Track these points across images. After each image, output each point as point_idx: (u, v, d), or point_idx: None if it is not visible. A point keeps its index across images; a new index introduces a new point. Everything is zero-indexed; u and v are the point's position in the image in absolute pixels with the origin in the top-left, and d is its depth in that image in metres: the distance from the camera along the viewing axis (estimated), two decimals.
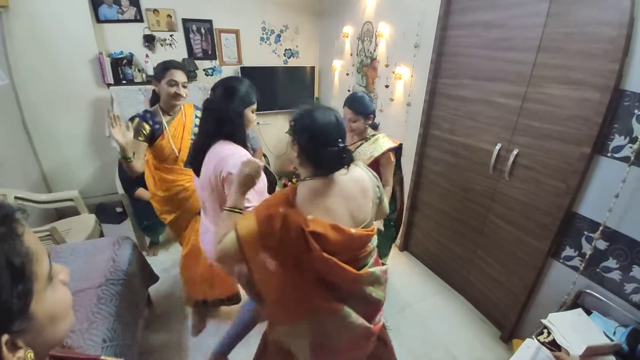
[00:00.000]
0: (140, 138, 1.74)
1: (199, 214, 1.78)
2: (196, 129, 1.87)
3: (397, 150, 1.88)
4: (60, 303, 0.47)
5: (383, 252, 2.10)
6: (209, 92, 1.37)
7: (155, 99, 1.88)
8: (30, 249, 0.42)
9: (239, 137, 1.35)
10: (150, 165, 1.95)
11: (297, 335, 1.07)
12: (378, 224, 1.69)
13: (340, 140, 1.01)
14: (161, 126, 1.81)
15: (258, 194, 1.29)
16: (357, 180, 1.08)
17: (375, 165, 1.81)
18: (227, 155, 1.26)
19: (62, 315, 0.47)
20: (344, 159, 1.02)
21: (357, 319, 1.04)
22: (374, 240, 1.13)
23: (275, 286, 1.02)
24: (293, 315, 1.05)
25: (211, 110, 1.33)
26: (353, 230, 1.00)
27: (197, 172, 1.39)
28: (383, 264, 1.25)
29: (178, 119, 1.88)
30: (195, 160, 1.37)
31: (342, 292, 1.02)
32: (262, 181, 1.32)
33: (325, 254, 0.93)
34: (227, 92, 1.32)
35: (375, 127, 1.92)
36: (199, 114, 1.94)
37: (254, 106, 1.40)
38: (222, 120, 1.30)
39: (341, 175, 1.04)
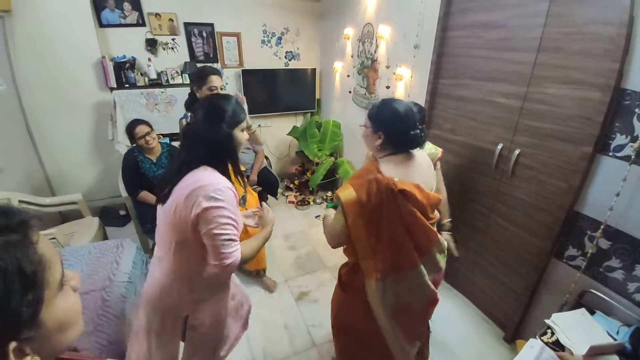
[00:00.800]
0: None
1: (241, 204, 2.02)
2: None
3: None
4: (70, 310, 0.46)
5: None
6: (186, 117, 1.21)
7: (191, 102, 2.03)
8: (43, 256, 0.41)
9: (231, 162, 1.19)
10: None
11: (386, 292, 1.23)
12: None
13: (417, 123, 1.23)
14: None
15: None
16: (425, 155, 1.34)
17: None
18: (206, 186, 1.04)
19: (72, 322, 0.46)
20: (422, 139, 1.24)
21: (429, 282, 1.25)
22: (437, 212, 1.34)
23: (372, 244, 1.19)
24: (385, 270, 1.21)
25: (195, 137, 1.14)
26: (429, 191, 1.24)
27: (164, 200, 1.13)
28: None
29: (247, 120, 1.94)
30: (165, 189, 1.13)
31: (420, 250, 1.22)
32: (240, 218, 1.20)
33: (413, 208, 1.16)
34: (211, 114, 1.14)
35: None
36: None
37: (244, 124, 1.21)
38: (210, 146, 1.12)
39: (415, 151, 1.28)
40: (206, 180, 1.06)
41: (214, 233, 1.04)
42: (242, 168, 2.34)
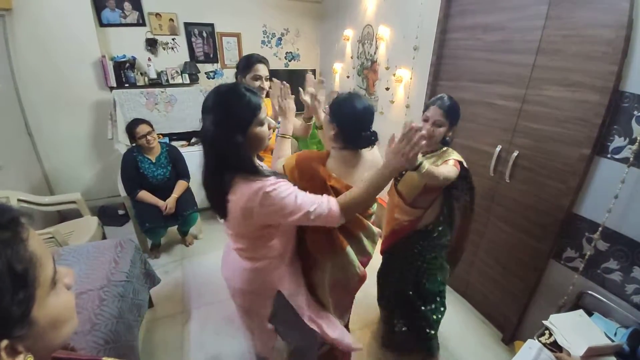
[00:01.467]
0: None
1: None
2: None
3: (462, 167, 1.49)
4: (63, 308, 0.46)
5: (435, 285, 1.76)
6: (200, 118, 1.07)
7: None
8: (34, 254, 0.41)
9: (249, 166, 1.05)
10: None
11: (325, 273, 1.34)
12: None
13: (371, 125, 1.25)
14: None
15: None
16: (374, 154, 1.35)
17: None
18: (252, 197, 1.00)
19: (65, 319, 0.46)
20: (372, 141, 1.26)
21: (358, 263, 1.35)
22: (374, 207, 1.39)
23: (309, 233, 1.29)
24: (324, 256, 1.31)
25: (210, 147, 1.04)
26: None
27: (222, 214, 1.10)
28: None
29: (264, 110, 1.88)
30: (215, 201, 1.10)
31: (349, 234, 1.30)
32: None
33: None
34: (220, 117, 1.00)
35: (447, 143, 1.57)
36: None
37: (261, 116, 1.06)
38: (225, 154, 1.02)
39: (364, 151, 1.30)
40: (247, 191, 1.01)
41: (285, 217, 1.04)
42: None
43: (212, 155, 1.04)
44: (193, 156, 2.53)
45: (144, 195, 2.53)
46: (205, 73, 3.61)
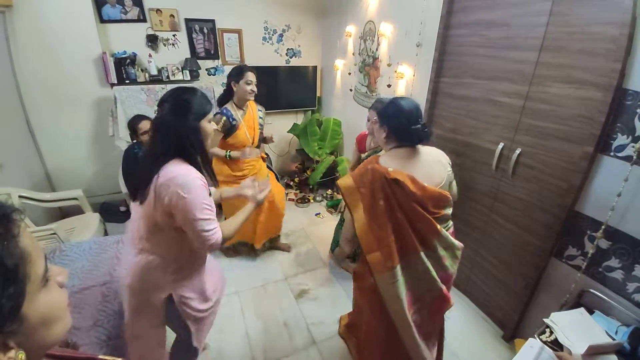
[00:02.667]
0: (219, 128, 2.20)
1: None
2: (261, 120, 2.44)
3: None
4: (54, 305, 0.46)
5: None
6: (156, 108, 1.22)
7: (226, 96, 2.32)
8: (25, 250, 0.41)
9: (198, 153, 1.21)
10: (219, 160, 2.41)
11: (397, 281, 1.28)
12: None
13: (420, 119, 1.31)
14: (238, 120, 2.29)
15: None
16: (433, 153, 1.41)
17: None
18: (174, 178, 1.11)
19: (56, 317, 0.46)
20: (425, 133, 1.32)
21: (434, 272, 1.30)
22: (449, 209, 1.37)
23: (374, 230, 1.28)
24: (391, 255, 1.27)
25: (162, 129, 1.16)
26: (426, 184, 1.27)
27: (142, 195, 1.17)
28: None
29: (249, 112, 2.36)
30: (141, 187, 1.16)
31: (422, 237, 1.29)
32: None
33: (409, 197, 1.23)
34: (177, 106, 1.17)
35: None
36: (260, 107, 2.48)
37: (210, 115, 1.26)
38: (177, 138, 1.15)
39: (421, 147, 1.37)
40: (177, 172, 1.12)
41: (191, 219, 1.12)
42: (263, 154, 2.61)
43: (165, 139, 1.16)
44: None
45: None
46: (206, 69, 3.60)
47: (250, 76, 2.24)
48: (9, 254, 0.39)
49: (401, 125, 1.31)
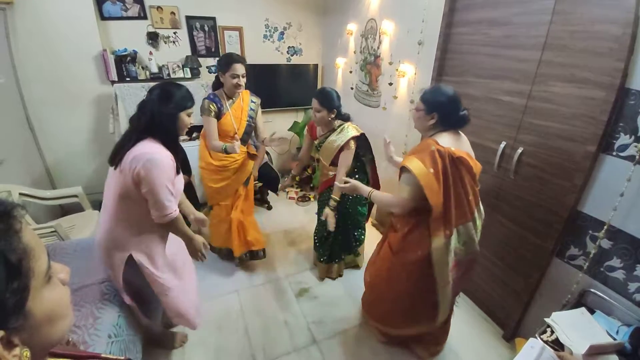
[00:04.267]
0: (211, 115, 2.12)
1: (244, 184, 2.44)
2: (252, 112, 2.33)
3: (359, 138, 2.11)
4: (59, 301, 0.46)
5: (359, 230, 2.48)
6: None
7: (218, 83, 2.22)
8: (28, 245, 0.41)
9: (171, 138, 1.40)
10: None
11: (449, 245, 1.47)
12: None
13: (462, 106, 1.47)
14: (224, 107, 2.19)
15: (175, 196, 1.42)
16: (464, 135, 1.57)
17: (340, 152, 2.11)
18: (146, 153, 1.28)
19: (60, 314, 0.46)
20: (469, 117, 1.49)
21: (476, 239, 1.54)
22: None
23: (444, 204, 1.42)
24: (451, 225, 1.45)
25: (145, 110, 1.35)
26: (476, 162, 1.50)
27: (111, 158, 1.37)
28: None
29: (238, 102, 2.25)
30: (118, 154, 1.33)
31: (471, 208, 1.49)
32: (180, 182, 1.49)
33: (467, 172, 1.44)
34: (163, 94, 1.36)
35: (346, 119, 2.15)
36: (254, 99, 2.36)
37: (190, 110, 1.45)
38: (155, 120, 1.33)
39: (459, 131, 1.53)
40: (149, 149, 1.30)
41: (152, 193, 1.30)
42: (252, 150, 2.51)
43: (145, 119, 1.34)
44: (194, 151, 2.52)
45: None
46: (207, 67, 3.59)
47: (238, 69, 2.08)
48: (12, 249, 0.39)
49: (451, 111, 1.46)
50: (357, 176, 2.19)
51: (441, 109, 1.46)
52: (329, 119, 2.07)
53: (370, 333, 2.09)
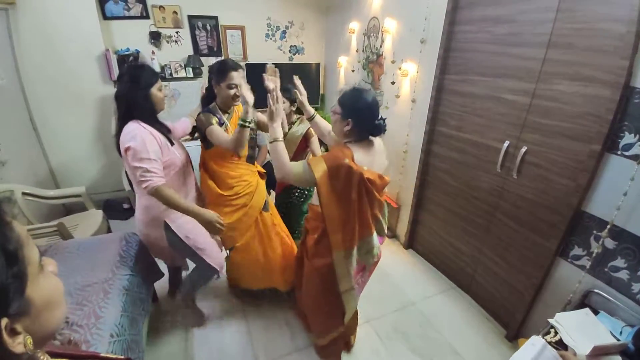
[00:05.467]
0: (214, 122, 1.73)
1: (264, 209, 2.06)
2: (252, 124, 2.04)
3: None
4: (54, 289, 0.49)
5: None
6: (115, 83, 1.52)
7: (209, 97, 1.88)
8: (20, 235, 0.43)
9: (150, 116, 1.56)
10: (210, 167, 1.92)
11: (351, 257, 1.46)
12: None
13: (379, 114, 1.41)
14: (225, 123, 1.83)
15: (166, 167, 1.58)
16: (378, 141, 1.50)
17: (305, 141, 2.21)
18: (127, 133, 1.46)
19: (57, 302, 0.48)
20: (385, 127, 1.41)
21: (379, 247, 1.56)
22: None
23: (340, 215, 1.38)
24: (352, 240, 1.43)
25: (121, 99, 1.50)
26: (386, 178, 1.46)
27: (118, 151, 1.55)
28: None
29: (234, 117, 1.89)
30: (117, 145, 1.54)
31: (375, 218, 1.49)
32: (177, 152, 1.67)
33: (375, 193, 1.40)
34: (131, 78, 1.50)
35: (300, 112, 2.02)
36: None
37: (159, 84, 1.57)
38: (132, 105, 1.49)
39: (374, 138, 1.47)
40: (126, 129, 1.48)
41: (131, 166, 1.47)
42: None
43: (124, 105, 1.50)
44: (196, 150, 2.51)
45: None
46: (209, 66, 3.58)
47: (235, 77, 1.74)
48: (8, 238, 0.41)
49: (367, 119, 1.38)
50: None
51: (357, 116, 1.36)
52: (290, 110, 2.17)
53: (370, 332, 2.09)
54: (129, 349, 1.44)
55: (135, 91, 1.49)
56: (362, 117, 1.36)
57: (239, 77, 1.76)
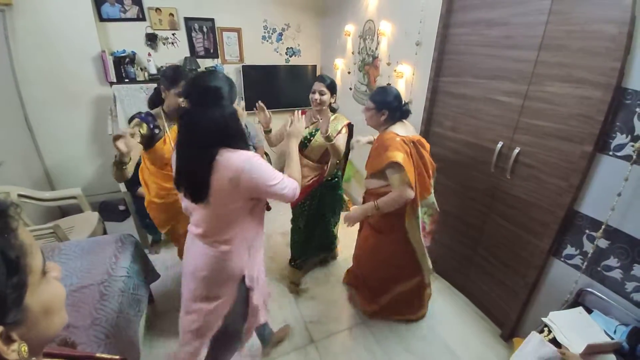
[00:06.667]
0: (138, 140, 1.58)
1: None
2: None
3: (350, 127, 2.17)
4: (54, 296, 0.48)
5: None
6: (181, 100, 1.19)
7: (157, 99, 1.79)
8: (24, 242, 0.43)
9: (240, 138, 1.20)
10: (145, 171, 1.89)
11: (417, 219, 1.82)
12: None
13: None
14: (162, 130, 1.74)
15: None
16: (408, 122, 1.87)
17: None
18: (238, 164, 1.12)
19: (56, 309, 0.47)
20: (410, 111, 1.86)
21: (436, 204, 1.97)
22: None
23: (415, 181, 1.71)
24: (416, 201, 1.77)
25: (199, 123, 1.12)
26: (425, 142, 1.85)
27: (203, 194, 1.15)
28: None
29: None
30: (198, 180, 1.14)
31: (430, 181, 1.87)
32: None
33: (426, 154, 1.81)
34: (211, 96, 1.13)
35: (334, 110, 2.18)
36: None
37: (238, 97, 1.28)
38: (223, 129, 1.13)
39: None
40: (235, 160, 1.12)
41: (266, 187, 1.17)
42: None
43: (203, 130, 1.12)
44: None
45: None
46: (205, 68, 3.59)
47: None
48: (10, 246, 0.40)
49: (398, 106, 1.78)
50: (338, 173, 2.37)
51: (389, 106, 1.76)
52: (331, 101, 2.06)
53: (366, 332, 2.09)
54: (124, 350, 1.44)
55: (223, 112, 1.13)
56: (392, 105, 1.76)
57: None
